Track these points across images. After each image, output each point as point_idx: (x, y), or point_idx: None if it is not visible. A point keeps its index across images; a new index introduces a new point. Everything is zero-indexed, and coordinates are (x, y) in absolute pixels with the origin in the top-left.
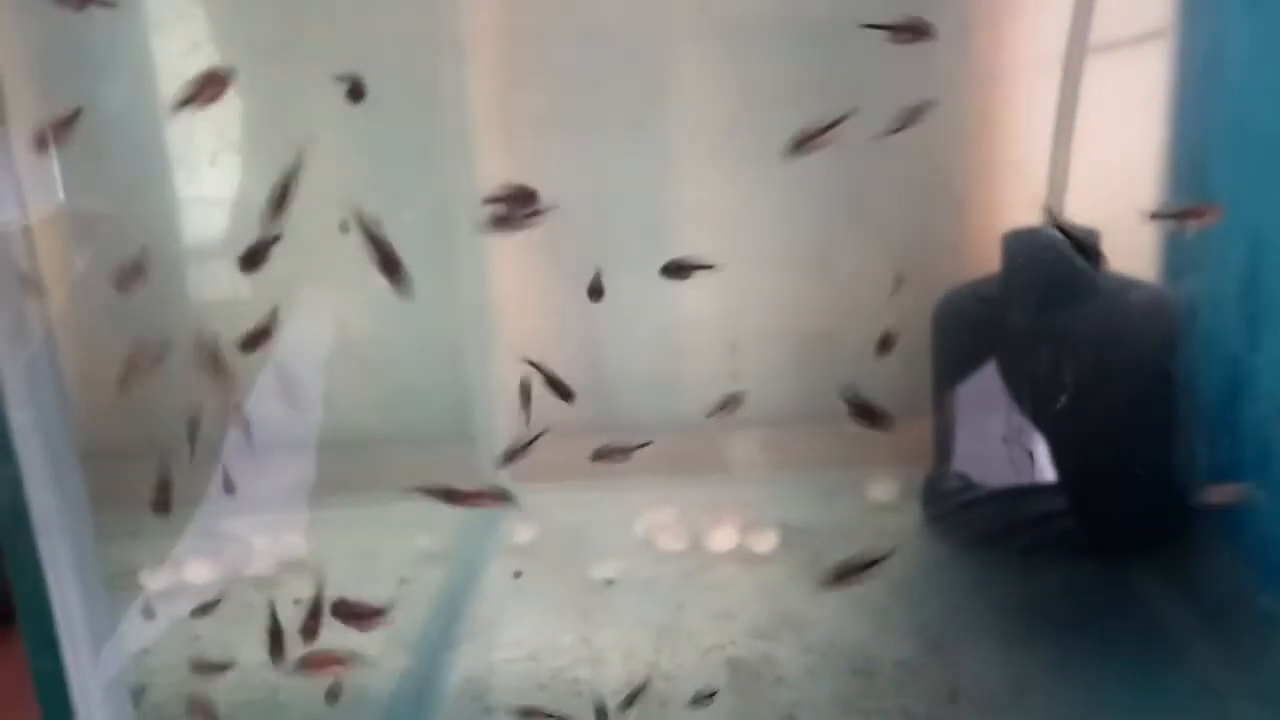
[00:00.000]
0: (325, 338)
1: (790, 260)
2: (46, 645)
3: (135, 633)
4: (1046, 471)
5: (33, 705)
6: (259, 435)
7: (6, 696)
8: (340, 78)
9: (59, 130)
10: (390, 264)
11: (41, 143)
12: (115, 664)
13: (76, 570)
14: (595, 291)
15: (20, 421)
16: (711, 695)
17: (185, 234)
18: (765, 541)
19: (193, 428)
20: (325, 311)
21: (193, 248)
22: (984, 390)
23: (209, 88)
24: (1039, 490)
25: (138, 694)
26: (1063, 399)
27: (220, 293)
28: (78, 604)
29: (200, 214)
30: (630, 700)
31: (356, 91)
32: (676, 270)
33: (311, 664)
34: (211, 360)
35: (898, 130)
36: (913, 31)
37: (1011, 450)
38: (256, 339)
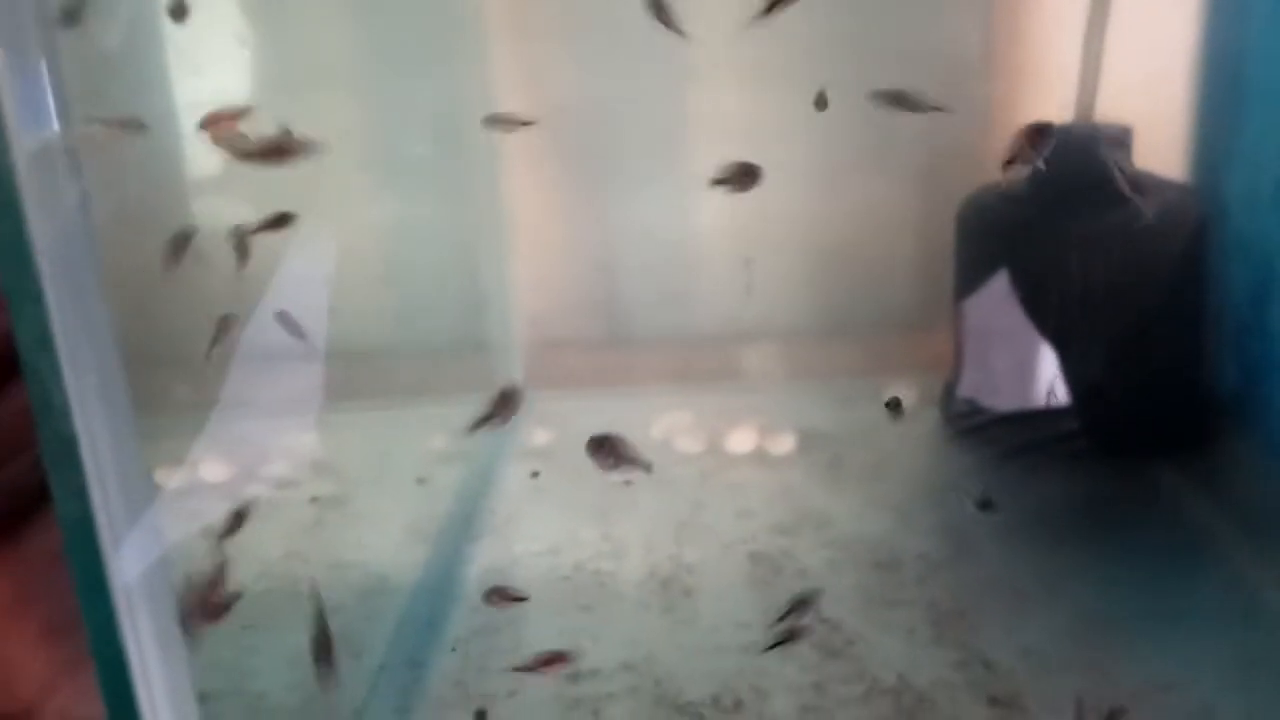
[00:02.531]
0: (329, 253)
1: (806, 170)
2: (79, 494)
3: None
4: (1069, 378)
5: (41, 609)
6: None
7: (18, 599)
8: None
9: None
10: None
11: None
12: (149, 553)
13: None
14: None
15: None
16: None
17: (188, 158)
18: (783, 444)
19: (220, 328)
20: (327, 229)
21: (196, 172)
22: (1005, 295)
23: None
24: (1062, 407)
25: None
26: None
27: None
28: (115, 485)
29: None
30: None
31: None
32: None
33: None
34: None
35: None
36: None
37: (1030, 372)
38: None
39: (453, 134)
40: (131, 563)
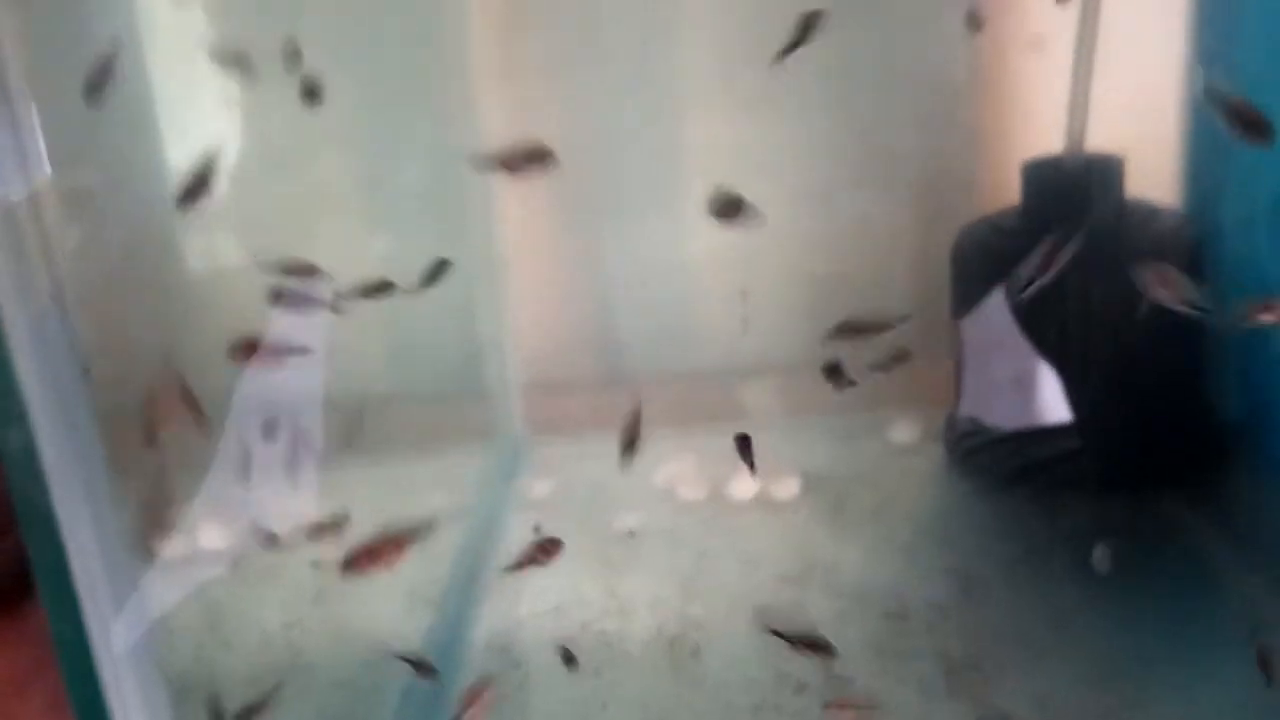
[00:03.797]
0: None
1: (800, 202)
2: (67, 608)
3: (155, 597)
4: (1067, 407)
5: (45, 685)
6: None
7: (21, 674)
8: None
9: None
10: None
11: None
12: (138, 627)
13: (95, 528)
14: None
15: (33, 383)
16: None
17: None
18: (787, 488)
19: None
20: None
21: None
22: (1001, 325)
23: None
24: (1063, 426)
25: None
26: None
27: (218, 261)
28: (98, 565)
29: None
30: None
31: (313, 93)
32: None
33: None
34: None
35: None
36: None
37: (1031, 387)
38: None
39: (446, 177)
40: (120, 637)
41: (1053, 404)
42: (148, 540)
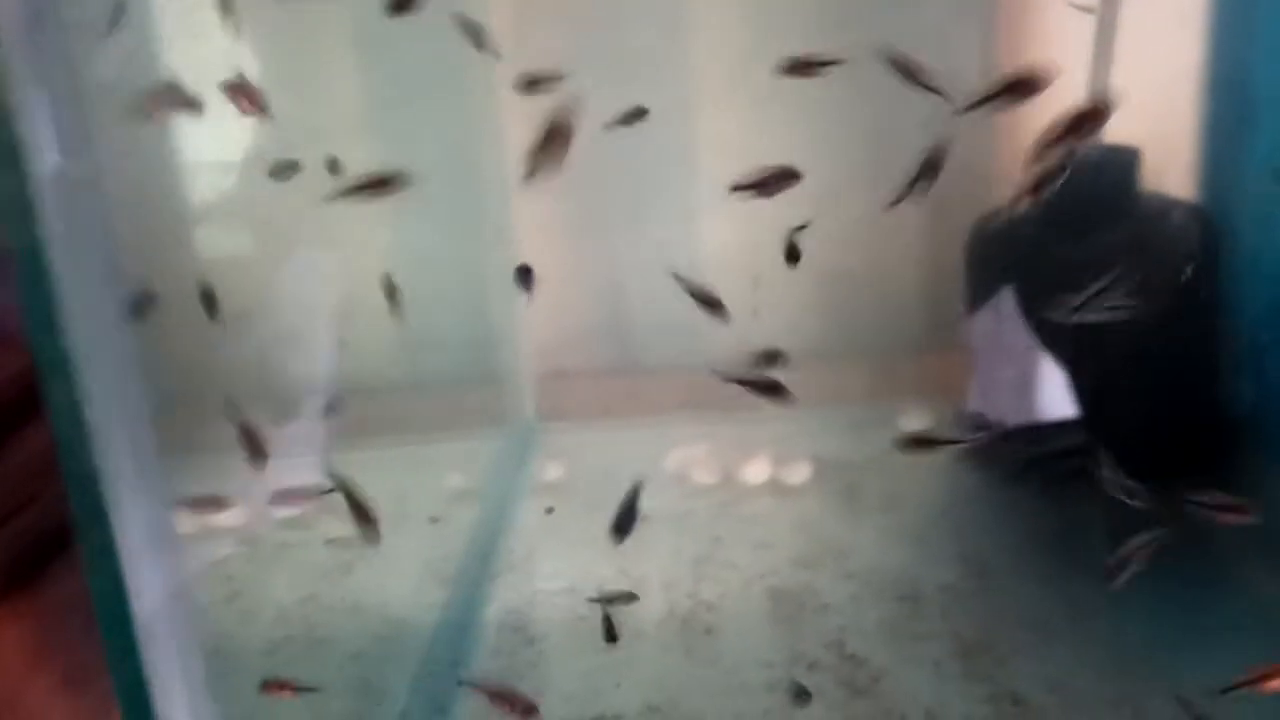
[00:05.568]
0: (332, 289)
1: (812, 193)
2: (106, 561)
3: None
4: (1074, 404)
5: (60, 658)
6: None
7: (36, 648)
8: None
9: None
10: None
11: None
12: (174, 582)
13: (137, 482)
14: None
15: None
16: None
17: (190, 193)
18: (798, 474)
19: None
20: (327, 265)
21: (198, 205)
22: (1009, 322)
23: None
24: (1071, 422)
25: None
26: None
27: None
28: (138, 520)
29: (205, 173)
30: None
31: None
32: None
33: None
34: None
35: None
36: None
37: (1038, 384)
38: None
39: (461, 165)
40: (152, 597)
41: (1060, 401)
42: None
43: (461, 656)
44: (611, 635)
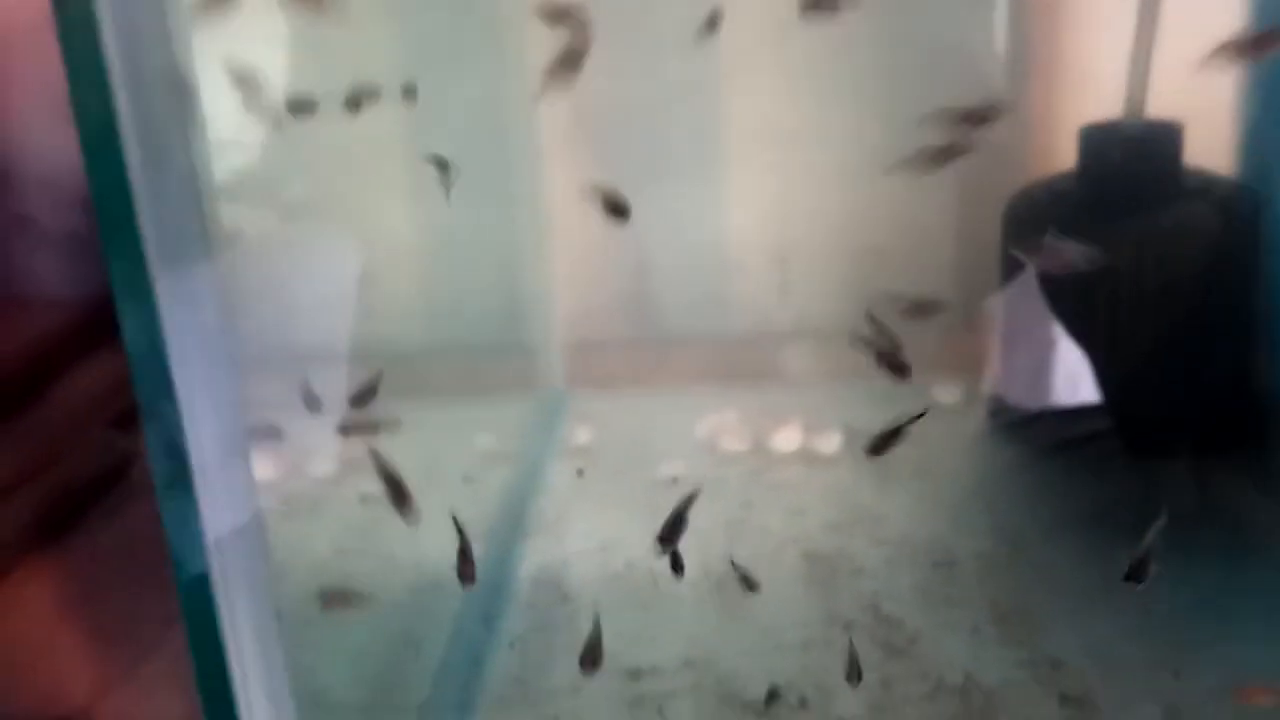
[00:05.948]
0: (353, 258)
1: (843, 170)
2: (180, 490)
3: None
4: (1118, 377)
5: (88, 613)
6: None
7: (65, 604)
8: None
9: None
10: (399, 494)
11: None
12: (245, 514)
13: (214, 416)
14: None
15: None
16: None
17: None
18: (829, 442)
19: None
20: (348, 235)
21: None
22: (1032, 304)
23: None
24: (1098, 405)
25: None
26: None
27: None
28: (213, 454)
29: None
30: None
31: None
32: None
33: None
34: None
35: None
36: None
37: (1063, 367)
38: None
39: (494, 135)
40: (223, 520)
41: (1084, 384)
42: None
43: (497, 612)
44: (678, 566)
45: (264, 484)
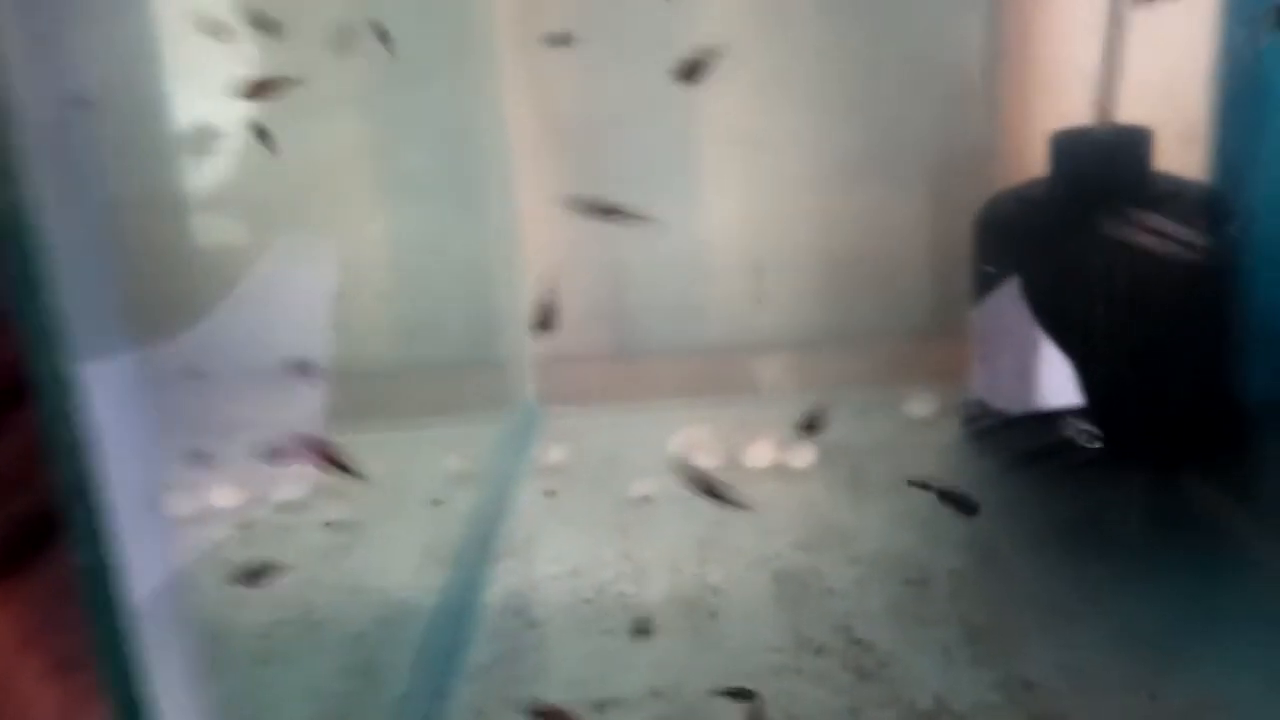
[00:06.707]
0: (326, 273)
1: (816, 179)
2: (93, 536)
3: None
4: (1093, 385)
5: (48, 645)
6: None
7: (24, 634)
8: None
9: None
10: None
11: None
12: (169, 567)
13: (133, 458)
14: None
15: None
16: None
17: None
18: (803, 457)
19: None
20: (321, 248)
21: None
22: (1012, 311)
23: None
24: (1075, 410)
25: None
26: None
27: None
28: (131, 497)
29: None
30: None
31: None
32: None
33: None
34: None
35: None
36: None
37: (1041, 373)
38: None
39: (463, 148)
40: (146, 581)
41: (1063, 389)
42: None
43: (462, 640)
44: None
45: (225, 510)
